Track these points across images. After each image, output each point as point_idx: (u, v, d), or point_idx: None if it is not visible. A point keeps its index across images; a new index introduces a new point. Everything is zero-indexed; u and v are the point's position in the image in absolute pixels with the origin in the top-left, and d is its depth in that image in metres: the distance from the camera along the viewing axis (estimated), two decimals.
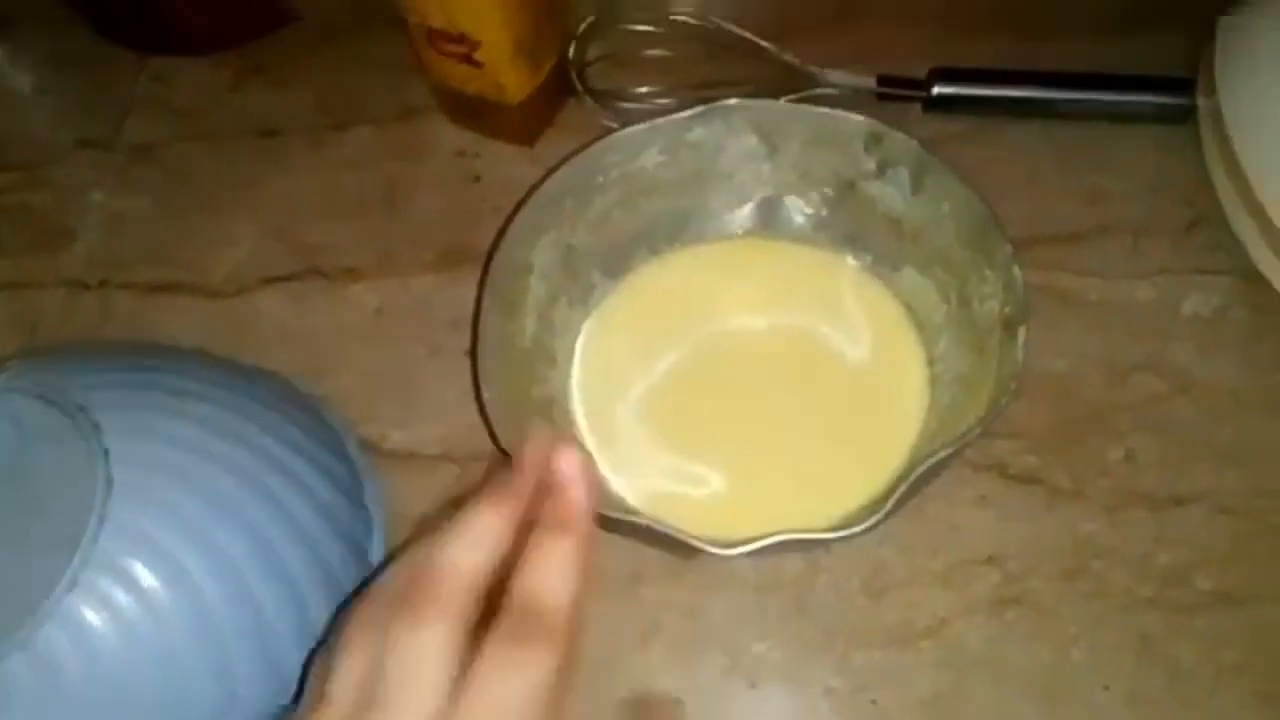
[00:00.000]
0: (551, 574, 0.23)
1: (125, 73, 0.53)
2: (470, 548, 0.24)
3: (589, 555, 0.24)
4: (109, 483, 0.29)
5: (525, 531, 0.24)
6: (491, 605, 0.23)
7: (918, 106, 0.44)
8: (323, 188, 0.47)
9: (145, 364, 0.36)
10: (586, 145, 0.37)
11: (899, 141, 0.35)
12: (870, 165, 0.37)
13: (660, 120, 0.37)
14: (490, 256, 0.35)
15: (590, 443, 0.38)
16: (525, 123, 0.46)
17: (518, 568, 0.24)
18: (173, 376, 0.35)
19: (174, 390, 0.34)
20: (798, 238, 0.40)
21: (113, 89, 0.53)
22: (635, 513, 0.35)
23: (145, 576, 0.29)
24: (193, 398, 0.34)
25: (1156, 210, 0.41)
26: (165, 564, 0.30)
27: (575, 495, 0.25)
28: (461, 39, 0.41)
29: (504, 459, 0.31)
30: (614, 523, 0.31)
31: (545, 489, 0.25)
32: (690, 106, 0.43)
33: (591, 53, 0.47)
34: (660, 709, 0.29)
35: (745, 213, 0.41)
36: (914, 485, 0.29)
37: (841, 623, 0.35)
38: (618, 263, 0.40)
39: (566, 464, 0.25)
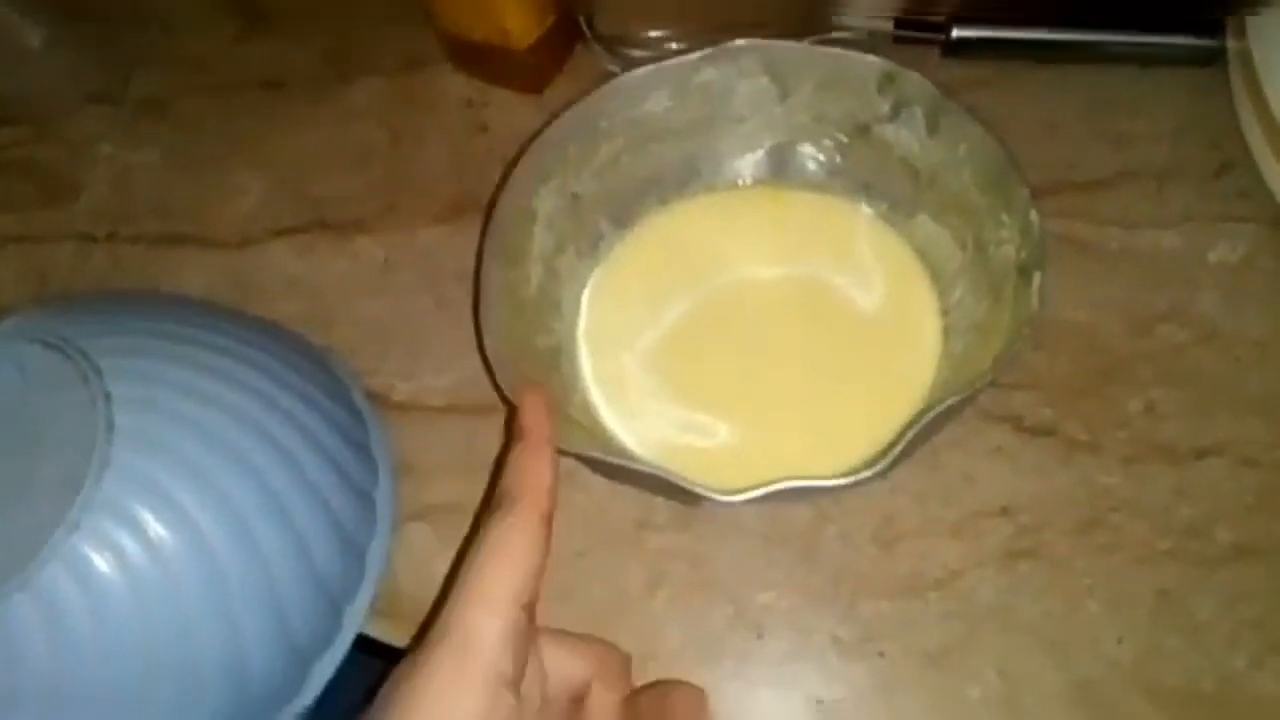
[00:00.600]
0: (530, 475, 0.28)
1: (134, 26, 0.52)
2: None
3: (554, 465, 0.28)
4: (110, 426, 0.29)
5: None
6: None
7: (936, 51, 0.43)
8: (329, 139, 0.47)
9: (150, 313, 0.36)
10: (596, 84, 0.36)
11: (913, 82, 0.34)
12: (885, 108, 0.35)
13: (667, 62, 0.36)
14: (492, 205, 0.35)
15: (597, 393, 0.37)
16: (533, 70, 0.45)
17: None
18: (178, 325, 0.35)
19: (179, 338, 0.34)
20: (810, 185, 0.39)
21: (121, 42, 0.52)
22: (640, 460, 0.35)
23: (149, 521, 0.29)
24: (198, 345, 0.34)
25: (1182, 156, 0.40)
26: (169, 509, 0.29)
27: (535, 419, 0.29)
28: None
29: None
30: (619, 470, 0.31)
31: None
32: (703, 48, 0.42)
33: None
34: (685, 697, 0.29)
35: (757, 160, 0.40)
36: (921, 433, 0.28)
37: (849, 573, 0.35)
38: (626, 211, 0.40)
39: (530, 397, 0.30)
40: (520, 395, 0.30)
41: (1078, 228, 0.39)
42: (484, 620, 0.24)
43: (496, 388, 0.32)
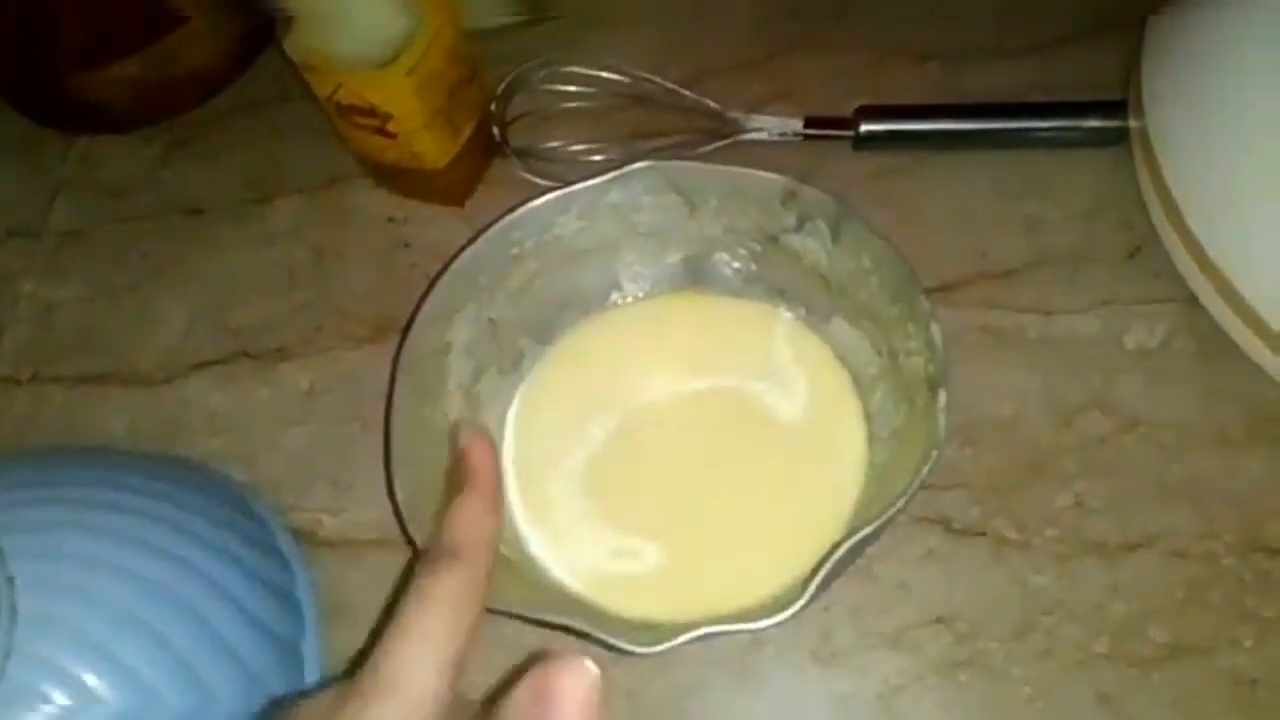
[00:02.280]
0: (471, 530, 0.27)
1: (52, 155, 0.52)
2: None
3: (496, 520, 0.28)
4: (14, 611, 0.29)
5: None
6: None
7: (849, 144, 0.43)
8: (251, 263, 0.47)
9: (59, 476, 0.35)
10: (500, 216, 0.36)
11: (814, 197, 0.34)
12: (790, 220, 0.35)
13: (572, 188, 0.36)
14: (402, 340, 0.34)
15: (524, 521, 0.37)
16: (451, 185, 0.45)
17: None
18: (87, 489, 0.34)
19: (87, 504, 0.33)
20: (729, 291, 0.39)
21: (40, 173, 0.52)
22: (568, 599, 0.34)
23: (57, 700, 0.28)
24: (107, 509, 0.33)
25: (1095, 238, 0.40)
26: (76, 690, 0.29)
27: (479, 472, 0.29)
28: (372, 112, 0.40)
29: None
30: (539, 621, 0.30)
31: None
32: (617, 156, 0.42)
33: (514, 110, 0.46)
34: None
35: (672, 269, 0.40)
36: (837, 567, 0.28)
37: (790, 696, 0.34)
38: (546, 329, 0.39)
39: (475, 445, 0.30)
40: (465, 442, 0.30)
41: (995, 317, 0.39)
42: (431, 680, 0.23)
43: (408, 540, 0.31)
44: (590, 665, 0.22)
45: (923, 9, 0.48)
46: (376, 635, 0.24)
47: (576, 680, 0.22)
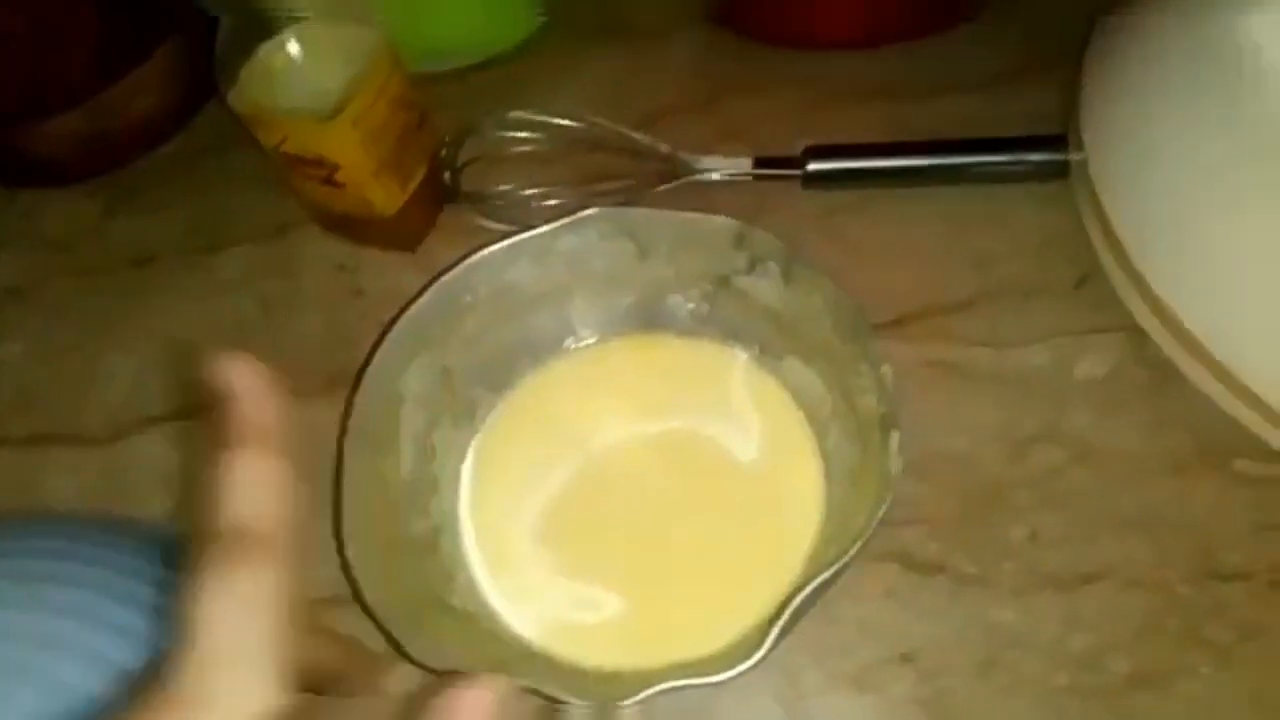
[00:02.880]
0: (257, 497, 0.21)
1: None
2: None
3: (285, 472, 0.22)
4: None
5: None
6: None
7: (797, 183, 0.44)
8: (200, 315, 0.46)
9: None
10: (452, 265, 0.36)
11: (763, 239, 0.34)
12: (741, 262, 0.36)
13: (523, 235, 0.36)
14: (353, 392, 0.34)
15: (481, 572, 0.36)
16: (403, 232, 0.45)
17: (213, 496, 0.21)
18: (30, 560, 0.33)
19: (31, 575, 0.32)
20: (683, 332, 0.39)
21: None
22: (527, 652, 0.34)
23: None
24: (58, 583, 0.32)
25: (1043, 270, 0.41)
26: None
27: (252, 410, 0.22)
28: (319, 163, 0.39)
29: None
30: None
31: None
32: (569, 200, 0.42)
33: (464, 155, 0.46)
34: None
35: (626, 312, 0.39)
36: (795, 614, 0.28)
37: None
38: (500, 377, 0.39)
39: (239, 378, 0.22)
40: (217, 372, 0.22)
41: (947, 350, 0.40)
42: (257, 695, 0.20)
43: (358, 598, 0.30)
44: (497, 683, 0.22)
45: (862, 50, 0.49)
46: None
47: (479, 694, 0.21)
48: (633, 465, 0.37)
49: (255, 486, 0.21)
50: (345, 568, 0.31)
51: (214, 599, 0.20)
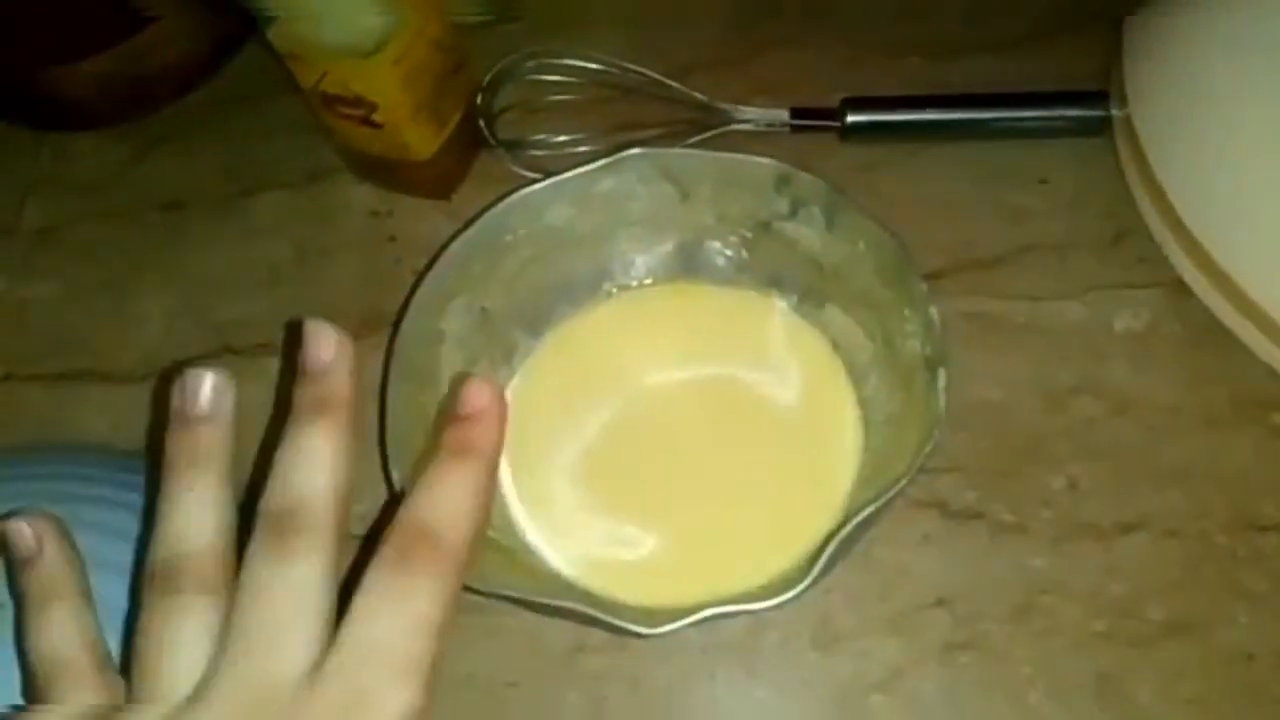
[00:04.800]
0: (450, 500, 0.22)
1: (24, 152, 0.51)
2: (325, 471, 0.22)
3: (491, 487, 0.24)
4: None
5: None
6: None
7: (835, 136, 0.43)
8: (233, 259, 0.46)
9: (41, 469, 0.34)
10: (493, 203, 0.36)
11: (807, 182, 0.34)
12: (783, 206, 0.36)
13: (565, 175, 0.36)
14: (395, 329, 0.34)
15: (520, 511, 0.36)
16: (437, 178, 0.45)
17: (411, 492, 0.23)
18: (72, 482, 0.33)
19: (73, 497, 0.32)
20: (721, 280, 0.39)
21: (12, 171, 0.51)
22: (567, 587, 0.34)
23: None
24: (92, 504, 0.32)
25: (1080, 226, 0.41)
26: None
27: (486, 429, 0.24)
28: (357, 102, 0.39)
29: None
30: (541, 605, 0.30)
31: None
32: (605, 149, 0.42)
33: (500, 102, 0.46)
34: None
35: (665, 258, 0.39)
36: (842, 545, 0.28)
37: (792, 680, 0.34)
38: (539, 319, 0.39)
39: (478, 396, 0.25)
40: (469, 391, 0.25)
41: (983, 303, 0.39)
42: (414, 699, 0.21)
43: None
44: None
45: (898, 5, 0.48)
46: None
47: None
48: (670, 408, 0.37)
49: (460, 498, 0.23)
50: (391, 494, 0.31)
51: (382, 606, 0.21)
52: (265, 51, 0.39)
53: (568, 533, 0.35)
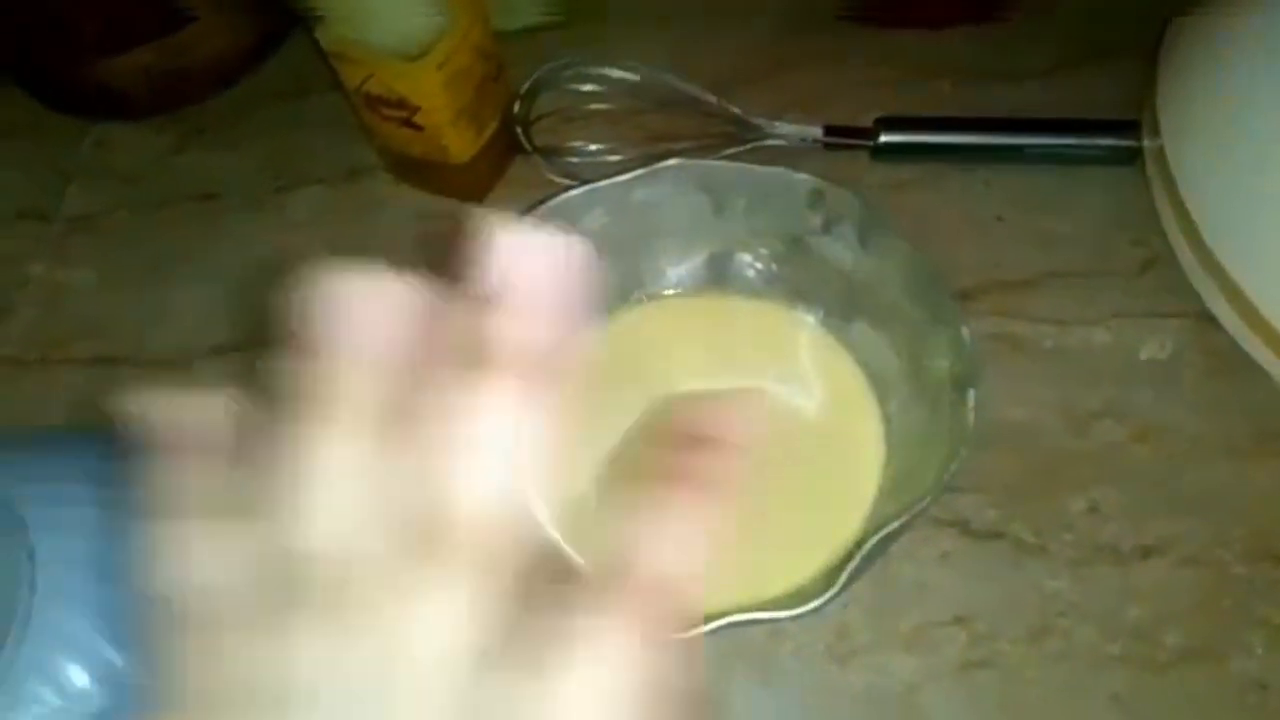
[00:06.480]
0: (680, 544, 0.18)
1: (68, 140, 0.52)
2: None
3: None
4: (33, 587, 0.28)
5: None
6: None
7: (866, 154, 0.44)
8: (269, 252, 0.46)
9: (74, 450, 0.35)
10: (531, 207, 0.37)
11: (842, 198, 0.35)
12: (816, 222, 0.36)
13: (602, 183, 0.36)
14: None
15: (543, 510, 0.36)
16: (473, 181, 0.45)
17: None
18: (103, 462, 0.34)
19: (104, 479, 0.33)
20: (750, 292, 0.40)
21: (55, 157, 0.52)
22: None
23: (73, 674, 0.28)
24: (124, 484, 0.33)
25: (1108, 253, 0.41)
26: (93, 661, 0.29)
27: (731, 459, 0.19)
28: (400, 104, 0.40)
29: None
30: None
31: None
32: (638, 159, 0.42)
33: (537, 109, 0.46)
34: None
35: (696, 269, 0.40)
36: (863, 561, 0.28)
37: (807, 693, 0.34)
38: None
39: (727, 417, 0.19)
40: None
41: (1011, 326, 0.40)
42: None
43: None
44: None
45: (931, 29, 0.49)
46: None
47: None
48: None
49: (691, 543, 0.18)
50: None
51: (589, 657, 0.15)
52: (307, 48, 0.40)
53: (593, 540, 0.36)
